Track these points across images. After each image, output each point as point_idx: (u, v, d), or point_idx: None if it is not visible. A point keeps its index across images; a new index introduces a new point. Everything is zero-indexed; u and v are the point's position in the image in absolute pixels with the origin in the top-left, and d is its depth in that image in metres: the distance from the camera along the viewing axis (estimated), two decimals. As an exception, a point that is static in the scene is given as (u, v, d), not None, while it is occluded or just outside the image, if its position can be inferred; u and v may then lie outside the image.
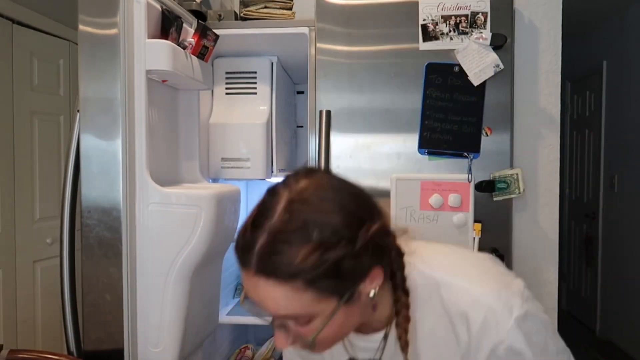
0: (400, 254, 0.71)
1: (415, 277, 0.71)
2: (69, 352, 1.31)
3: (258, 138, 1.71)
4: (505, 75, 1.43)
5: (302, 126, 2.25)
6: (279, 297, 0.61)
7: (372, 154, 1.45)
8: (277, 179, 1.96)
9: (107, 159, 1.22)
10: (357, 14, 1.44)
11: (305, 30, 1.51)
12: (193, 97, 1.59)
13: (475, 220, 1.41)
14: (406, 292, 0.70)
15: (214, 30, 1.49)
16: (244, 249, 0.62)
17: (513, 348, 0.67)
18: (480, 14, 1.41)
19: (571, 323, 4.12)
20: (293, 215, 0.60)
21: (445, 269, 0.73)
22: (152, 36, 1.28)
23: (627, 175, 3.47)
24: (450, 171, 1.45)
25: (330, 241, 0.60)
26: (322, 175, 0.67)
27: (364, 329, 0.75)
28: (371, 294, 0.66)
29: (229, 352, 1.98)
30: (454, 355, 0.71)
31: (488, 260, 0.77)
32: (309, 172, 0.66)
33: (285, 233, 0.60)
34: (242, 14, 1.61)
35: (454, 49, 1.42)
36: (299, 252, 0.59)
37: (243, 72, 1.78)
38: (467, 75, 1.42)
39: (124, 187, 1.22)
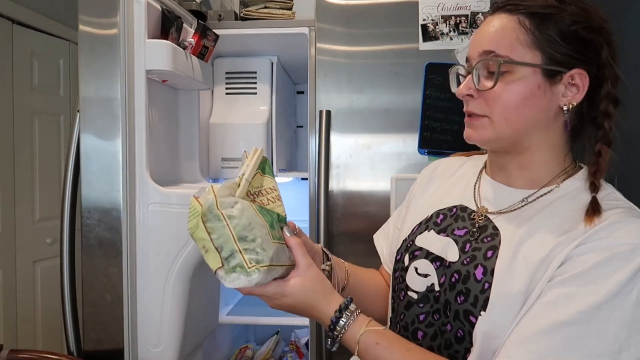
0: (614, 101, 0.69)
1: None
2: (69, 352, 1.31)
3: (258, 138, 1.71)
4: (505, 75, 1.43)
5: (302, 126, 2.25)
6: (503, 27, 0.68)
7: (372, 154, 1.45)
8: (277, 180, 1.97)
9: (107, 159, 1.23)
10: (357, 14, 1.44)
11: (305, 30, 1.51)
12: (193, 97, 1.59)
13: (475, 220, 1.40)
14: (608, 143, 0.69)
15: (214, 30, 1.49)
16: None
17: (618, 256, 0.58)
18: (480, 14, 1.41)
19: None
20: None
21: None
22: (152, 36, 1.28)
23: (627, 175, 3.47)
24: (450, 171, 1.44)
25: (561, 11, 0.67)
26: None
27: (514, 179, 0.73)
28: (565, 106, 0.67)
29: (229, 352, 1.98)
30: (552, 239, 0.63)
31: None
32: None
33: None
34: (242, 14, 1.61)
35: (454, 49, 1.42)
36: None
37: (243, 72, 1.78)
38: (467, 75, 1.42)
39: (124, 187, 1.23)
